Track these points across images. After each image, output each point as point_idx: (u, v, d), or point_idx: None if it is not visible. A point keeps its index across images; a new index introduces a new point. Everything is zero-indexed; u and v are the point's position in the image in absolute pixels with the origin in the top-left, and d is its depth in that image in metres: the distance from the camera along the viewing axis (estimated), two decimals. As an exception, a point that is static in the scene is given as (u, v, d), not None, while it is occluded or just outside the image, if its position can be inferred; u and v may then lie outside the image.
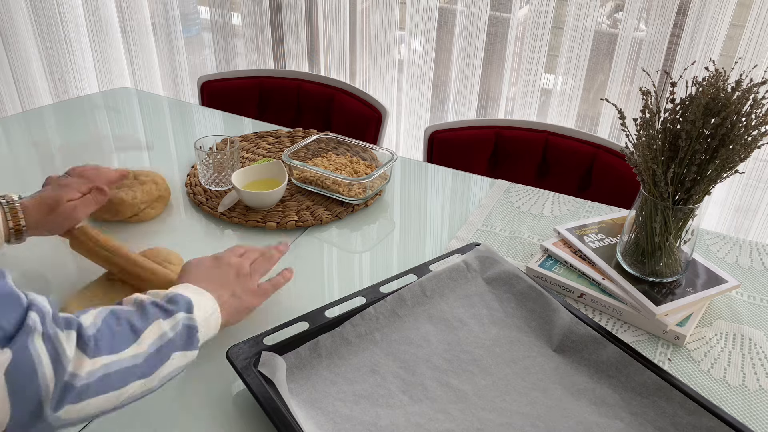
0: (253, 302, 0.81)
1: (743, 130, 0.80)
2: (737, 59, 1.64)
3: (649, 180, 0.85)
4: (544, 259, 0.98)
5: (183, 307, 0.69)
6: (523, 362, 0.79)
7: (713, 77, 0.81)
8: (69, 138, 1.41)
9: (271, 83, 1.78)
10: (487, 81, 2.03)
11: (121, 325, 0.62)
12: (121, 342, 0.61)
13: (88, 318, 0.61)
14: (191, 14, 2.68)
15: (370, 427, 0.70)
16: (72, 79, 2.53)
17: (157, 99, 1.67)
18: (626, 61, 1.80)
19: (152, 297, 0.69)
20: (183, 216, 1.14)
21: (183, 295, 0.70)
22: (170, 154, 1.36)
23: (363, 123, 1.65)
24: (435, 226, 1.13)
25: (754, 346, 0.85)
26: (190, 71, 2.55)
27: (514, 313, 0.86)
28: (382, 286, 0.88)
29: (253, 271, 0.83)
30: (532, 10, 1.84)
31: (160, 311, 0.67)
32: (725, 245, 1.06)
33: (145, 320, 0.65)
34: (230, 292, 0.78)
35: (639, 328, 0.88)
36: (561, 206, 1.17)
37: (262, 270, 0.85)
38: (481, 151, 1.52)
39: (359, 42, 2.19)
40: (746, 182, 1.81)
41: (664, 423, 0.71)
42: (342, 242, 1.08)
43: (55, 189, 0.91)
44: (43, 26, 2.39)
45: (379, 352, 0.80)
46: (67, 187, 0.91)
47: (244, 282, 0.81)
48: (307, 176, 1.18)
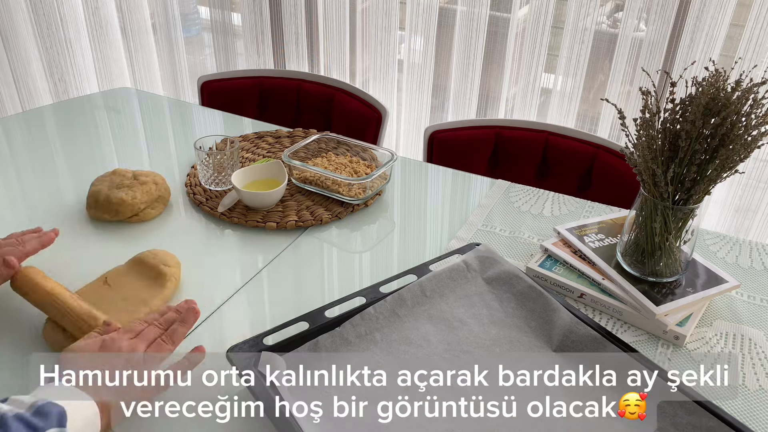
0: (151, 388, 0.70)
1: (743, 130, 0.80)
2: (737, 59, 1.64)
3: (649, 180, 0.85)
4: (544, 259, 0.98)
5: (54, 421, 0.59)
6: (523, 362, 0.79)
7: (713, 77, 0.81)
8: (69, 138, 1.41)
9: (271, 83, 1.78)
10: (487, 81, 2.03)
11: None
12: None
13: None
14: (191, 14, 2.68)
15: (370, 427, 0.70)
16: (72, 79, 2.53)
17: (157, 99, 1.67)
18: (626, 61, 1.80)
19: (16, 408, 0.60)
20: (183, 216, 1.14)
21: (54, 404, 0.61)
22: (170, 154, 1.36)
23: (363, 123, 1.65)
24: (435, 226, 1.13)
25: (754, 346, 0.85)
26: (190, 71, 2.55)
27: (514, 313, 0.86)
28: (382, 286, 0.88)
29: (149, 357, 0.72)
30: (532, 10, 1.84)
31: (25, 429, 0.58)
32: (725, 245, 1.06)
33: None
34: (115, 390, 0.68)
35: (639, 328, 0.88)
36: (561, 206, 1.17)
37: (160, 355, 0.73)
38: (481, 151, 1.52)
39: (359, 42, 2.18)
40: (746, 182, 1.81)
41: (664, 423, 0.71)
42: (342, 242, 1.08)
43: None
44: (43, 26, 2.39)
45: (379, 352, 0.80)
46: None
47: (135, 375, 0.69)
48: (307, 176, 1.18)
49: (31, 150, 1.35)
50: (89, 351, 0.70)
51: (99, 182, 1.11)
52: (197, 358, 0.74)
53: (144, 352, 0.72)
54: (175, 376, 0.72)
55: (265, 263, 1.01)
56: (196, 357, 0.74)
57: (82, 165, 1.30)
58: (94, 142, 1.40)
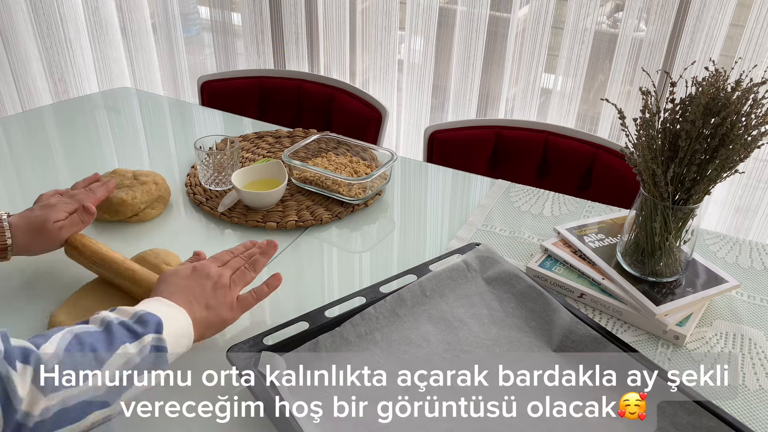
0: (230, 317, 0.78)
1: (743, 130, 0.80)
2: (737, 59, 1.64)
3: (649, 180, 0.85)
4: (544, 259, 0.98)
5: (152, 328, 0.66)
6: (523, 362, 0.79)
7: (713, 77, 0.81)
8: (69, 138, 1.41)
9: (271, 83, 1.78)
10: (487, 81, 2.03)
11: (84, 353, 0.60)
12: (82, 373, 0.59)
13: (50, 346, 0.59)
14: (191, 14, 2.68)
15: (370, 427, 0.70)
16: (72, 79, 2.53)
17: (157, 99, 1.67)
18: (626, 61, 1.80)
19: (120, 316, 0.67)
20: (183, 216, 1.14)
21: (153, 314, 0.68)
22: (170, 154, 1.36)
23: (363, 123, 1.65)
24: (435, 226, 1.13)
25: (754, 346, 0.85)
26: (190, 71, 2.55)
27: (514, 313, 0.86)
28: (382, 286, 0.88)
29: (233, 282, 0.80)
30: (532, 10, 1.84)
31: (127, 333, 0.64)
32: (725, 245, 1.06)
33: (111, 345, 0.62)
34: (205, 306, 0.75)
35: (639, 328, 0.88)
36: (561, 206, 1.17)
37: (244, 280, 0.81)
38: (481, 151, 1.52)
39: (359, 42, 2.19)
40: (746, 182, 1.81)
41: (664, 423, 0.71)
42: (342, 242, 1.08)
43: (42, 209, 0.90)
44: (43, 26, 2.39)
45: (379, 352, 0.80)
46: (53, 207, 0.90)
47: (222, 295, 0.78)
48: (307, 176, 1.18)
49: (31, 150, 1.35)
50: (183, 275, 0.78)
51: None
52: (275, 283, 0.83)
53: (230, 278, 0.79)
54: (258, 297, 0.81)
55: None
56: (274, 282, 0.83)
57: (82, 165, 1.30)
58: (94, 142, 1.40)
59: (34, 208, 0.91)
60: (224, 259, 0.83)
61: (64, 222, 0.90)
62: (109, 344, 0.62)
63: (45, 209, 0.90)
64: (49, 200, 0.92)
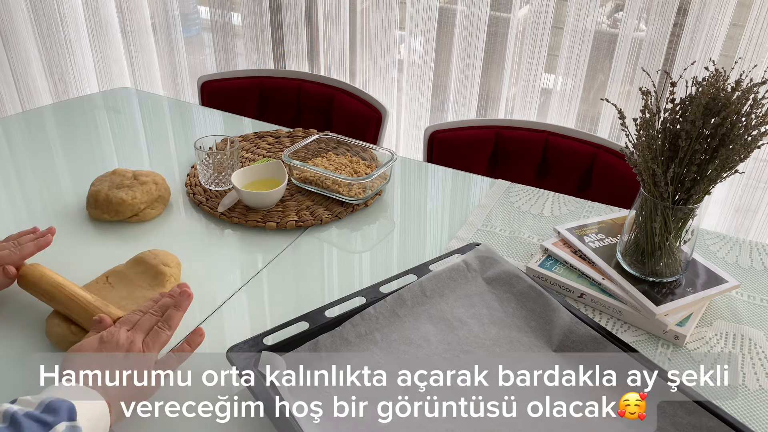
0: (149, 387, 0.71)
1: (743, 130, 0.80)
2: (737, 59, 1.64)
3: (649, 180, 0.85)
4: (544, 259, 0.98)
5: (64, 415, 0.61)
6: (523, 362, 0.79)
7: (713, 77, 0.81)
8: (69, 138, 1.41)
9: (271, 83, 1.78)
10: (487, 81, 2.03)
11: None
12: None
13: None
14: (191, 14, 2.68)
15: (370, 427, 0.70)
16: (72, 79, 2.53)
17: (157, 99, 1.67)
18: (626, 61, 1.80)
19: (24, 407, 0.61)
20: (183, 216, 1.14)
21: (62, 400, 0.62)
22: (170, 154, 1.36)
23: (363, 123, 1.65)
24: (435, 226, 1.13)
25: (754, 346, 0.85)
26: (190, 71, 2.55)
27: (514, 313, 0.86)
28: (382, 286, 0.88)
29: (147, 346, 0.73)
30: (532, 10, 1.84)
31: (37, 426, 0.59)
32: (725, 245, 1.06)
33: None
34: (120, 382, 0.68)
35: (639, 328, 0.88)
36: (561, 206, 1.17)
37: (159, 342, 0.74)
38: (481, 151, 1.52)
39: (359, 42, 2.19)
40: (746, 182, 1.81)
41: (664, 423, 0.71)
42: (342, 242, 1.08)
43: None
44: (43, 26, 2.39)
45: (379, 352, 0.80)
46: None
47: (138, 363, 0.70)
48: (307, 176, 1.18)
49: (31, 150, 1.35)
50: (89, 349, 0.70)
51: (99, 182, 1.11)
52: (197, 340, 0.75)
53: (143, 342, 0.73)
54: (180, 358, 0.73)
55: (265, 263, 1.01)
56: (195, 339, 0.75)
57: (82, 165, 1.30)
58: (94, 142, 1.40)
59: None
60: (133, 321, 0.75)
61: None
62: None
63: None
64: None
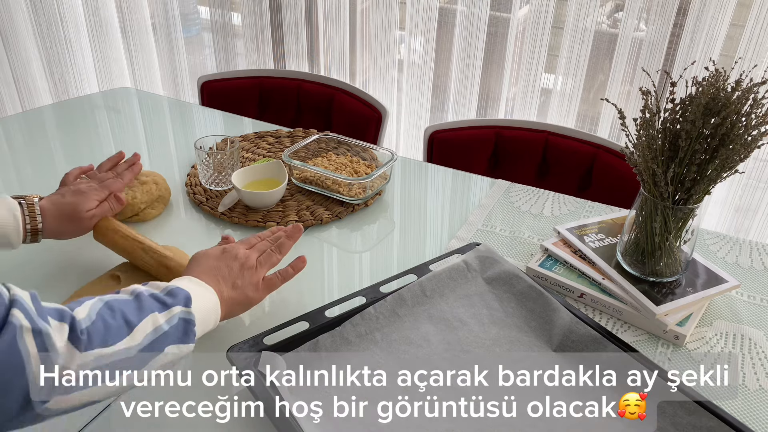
0: (256, 296, 0.80)
1: (743, 130, 0.80)
2: (737, 59, 1.64)
3: (649, 180, 0.85)
4: (544, 259, 0.98)
5: (181, 301, 0.68)
6: (523, 362, 0.79)
7: (713, 77, 0.81)
8: (69, 138, 1.41)
9: (271, 83, 1.78)
10: (487, 81, 2.03)
11: (115, 317, 0.62)
12: (114, 335, 0.61)
13: (83, 310, 0.61)
14: (191, 14, 2.68)
15: (370, 427, 0.70)
16: (72, 79, 2.53)
17: (157, 99, 1.67)
18: (626, 61, 1.80)
19: (151, 289, 0.69)
20: (183, 216, 1.14)
21: (182, 288, 0.70)
22: (170, 154, 1.36)
23: (363, 123, 1.65)
24: (435, 226, 1.13)
25: (754, 346, 0.85)
26: (190, 71, 2.55)
27: (514, 313, 0.86)
28: (382, 286, 0.88)
29: (260, 263, 0.82)
30: (532, 10, 1.84)
31: (156, 303, 0.67)
32: (725, 245, 1.06)
33: (141, 312, 0.65)
34: (232, 285, 0.78)
35: (639, 328, 0.88)
36: (561, 206, 1.17)
37: (270, 262, 0.84)
38: (481, 151, 1.52)
39: (359, 42, 2.19)
40: (746, 182, 1.81)
41: (664, 423, 0.71)
42: (342, 242, 1.08)
43: (73, 196, 0.92)
44: (43, 26, 2.40)
45: (379, 352, 0.80)
46: (84, 195, 0.93)
47: (249, 275, 0.80)
48: (307, 176, 1.18)
49: (31, 150, 1.35)
50: (213, 256, 0.80)
51: (99, 182, 1.11)
52: (299, 265, 0.85)
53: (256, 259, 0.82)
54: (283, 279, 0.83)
55: (265, 263, 1.01)
56: (299, 264, 0.86)
57: (81, 165, 1.29)
58: (94, 142, 1.40)
59: (64, 194, 0.93)
60: (252, 242, 0.86)
61: (95, 210, 0.93)
62: (139, 311, 0.65)
63: (76, 196, 0.92)
64: (79, 186, 0.95)
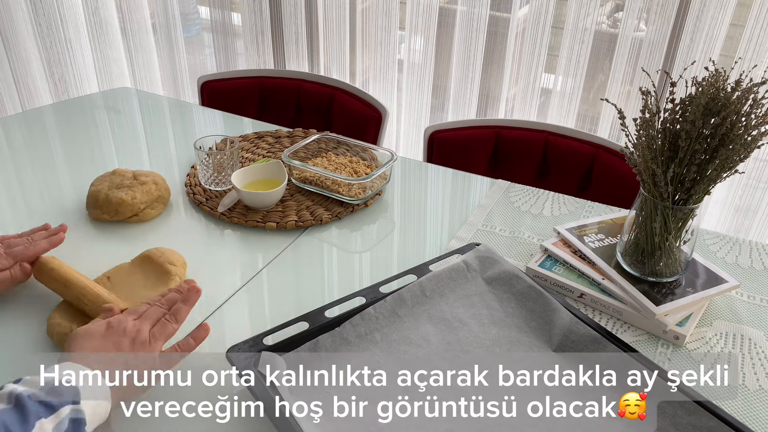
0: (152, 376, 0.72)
1: (743, 130, 0.80)
2: (737, 59, 1.64)
3: (649, 180, 0.85)
4: (544, 259, 0.98)
5: (68, 399, 0.62)
6: (523, 362, 0.79)
7: (713, 77, 0.81)
8: (69, 138, 1.41)
9: (271, 83, 1.78)
10: (487, 81, 2.03)
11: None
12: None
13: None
14: (191, 14, 2.68)
15: (370, 427, 0.70)
16: (72, 79, 2.53)
17: (157, 99, 1.67)
18: (626, 61, 1.80)
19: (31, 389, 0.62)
20: (183, 216, 1.14)
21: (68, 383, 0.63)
22: (170, 154, 1.36)
23: (363, 123, 1.65)
24: (435, 226, 1.13)
25: (754, 346, 0.85)
26: (190, 71, 2.55)
27: (514, 313, 0.86)
28: (382, 286, 0.88)
29: (154, 337, 0.74)
30: (532, 10, 1.84)
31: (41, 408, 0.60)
32: (725, 245, 1.06)
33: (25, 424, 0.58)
34: (124, 365, 0.70)
35: (639, 328, 0.88)
36: (561, 206, 1.17)
37: (165, 333, 0.76)
38: (481, 151, 1.52)
39: (359, 42, 2.19)
40: (746, 182, 1.81)
41: (664, 423, 0.71)
42: (342, 242, 1.08)
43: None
44: (43, 26, 2.39)
45: (379, 352, 0.80)
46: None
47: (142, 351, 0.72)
48: (307, 176, 1.18)
49: (31, 150, 1.35)
50: (97, 333, 0.72)
51: (99, 182, 1.11)
52: (201, 335, 0.76)
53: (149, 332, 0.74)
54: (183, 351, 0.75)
55: (265, 263, 1.01)
56: (201, 333, 0.77)
57: (82, 165, 1.30)
58: (94, 142, 1.40)
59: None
60: (141, 311, 0.77)
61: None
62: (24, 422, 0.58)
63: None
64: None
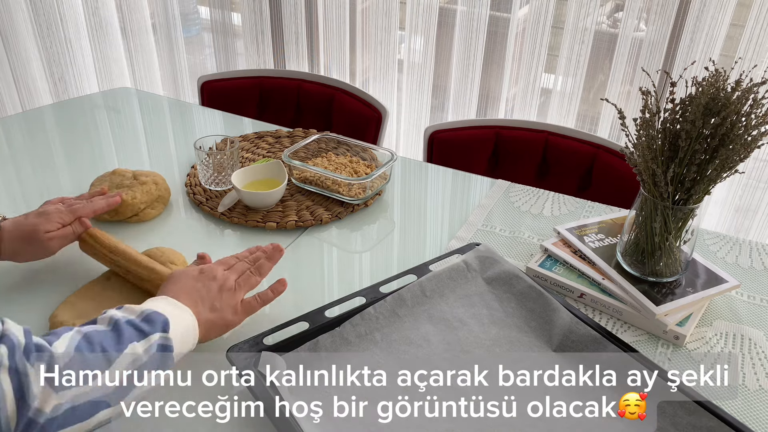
0: (234, 320, 0.79)
1: (743, 130, 0.80)
2: (737, 59, 1.64)
3: (649, 180, 0.85)
4: (544, 259, 0.98)
5: (159, 327, 0.68)
6: (523, 362, 0.79)
7: (713, 77, 0.81)
8: (69, 138, 1.41)
9: (271, 83, 1.78)
10: (487, 81, 2.03)
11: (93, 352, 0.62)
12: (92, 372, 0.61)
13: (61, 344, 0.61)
14: (191, 14, 2.68)
15: (370, 426, 0.70)
16: (72, 79, 2.53)
17: (157, 99, 1.67)
18: (626, 61, 1.80)
19: (127, 314, 0.68)
20: (183, 216, 1.14)
21: (160, 313, 0.69)
22: (170, 154, 1.36)
23: (363, 123, 1.65)
24: (435, 226, 1.13)
25: (754, 346, 0.85)
26: (190, 71, 2.55)
27: (514, 313, 0.86)
28: (382, 286, 0.88)
29: (239, 286, 0.81)
30: (532, 10, 1.84)
31: (135, 332, 0.66)
32: (725, 245, 1.06)
33: (119, 344, 0.64)
34: (210, 308, 0.77)
35: (639, 328, 0.88)
36: (561, 206, 1.17)
37: (249, 284, 0.83)
38: (481, 151, 1.52)
39: (359, 42, 2.19)
40: (746, 182, 1.81)
41: (664, 423, 0.71)
42: (342, 242, 1.08)
43: (35, 217, 0.90)
44: (43, 26, 2.39)
45: (379, 352, 0.80)
46: (47, 217, 0.90)
47: (228, 297, 0.79)
48: (307, 176, 1.18)
49: (31, 150, 1.35)
50: (190, 276, 0.79)
51: (99, 182, 1.11)
52: (280, 289, 0.84)
53: (235, 281, 0.81)
54: (262, 302, 0.82)
55: (265, 263, 1.01)
56: (279, 287, 0.84)
57: (82, 165, 1.30)
58: (94, 142, 1.40)
59: (29, 215, 0.91)
60: (230, 263, 0.84)
61: (55, 233, 0.90)
62: (118, 342, 0.64)
63: (39, 218, 0.90)
64: (47, 208, 0.92)
